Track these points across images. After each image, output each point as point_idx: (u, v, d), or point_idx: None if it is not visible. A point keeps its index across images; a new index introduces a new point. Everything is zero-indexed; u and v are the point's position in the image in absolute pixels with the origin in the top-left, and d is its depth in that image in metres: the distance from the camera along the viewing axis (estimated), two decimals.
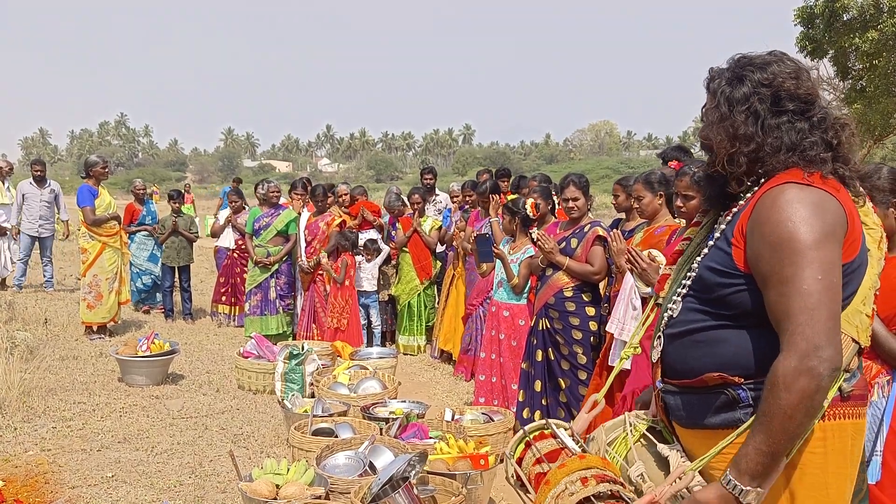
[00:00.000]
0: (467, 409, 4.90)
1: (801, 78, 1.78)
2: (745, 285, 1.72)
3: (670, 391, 1.89)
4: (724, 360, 1.75)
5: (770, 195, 1.70)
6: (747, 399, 1.71)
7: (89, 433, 4.90)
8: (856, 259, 1.71)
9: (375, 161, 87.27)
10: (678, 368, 1.86)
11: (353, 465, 3.83)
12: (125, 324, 8.38)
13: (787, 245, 1.62)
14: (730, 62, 1.85)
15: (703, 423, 1.78)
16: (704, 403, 1.78)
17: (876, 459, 2.61)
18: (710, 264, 1.80)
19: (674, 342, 1.87)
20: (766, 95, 1.75)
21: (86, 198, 7.45)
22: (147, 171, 61.54)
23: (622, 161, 65.17)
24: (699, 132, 1.93)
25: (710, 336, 1.78)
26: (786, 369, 1.57)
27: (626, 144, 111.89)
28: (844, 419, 1.72)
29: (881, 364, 2.70)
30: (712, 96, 1.84)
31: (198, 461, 4.50)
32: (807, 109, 1.77)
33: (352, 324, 7.34)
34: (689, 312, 1.84)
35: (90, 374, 6.32)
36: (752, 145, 1.75)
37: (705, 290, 1.80)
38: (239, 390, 6.06)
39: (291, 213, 7.96)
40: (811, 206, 1.64)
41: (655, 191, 4.07)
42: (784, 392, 1.57)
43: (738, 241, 1.75)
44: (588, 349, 4.62)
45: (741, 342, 1.74)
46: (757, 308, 1.70)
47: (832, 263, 1.62)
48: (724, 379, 1.73)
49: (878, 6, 14.10)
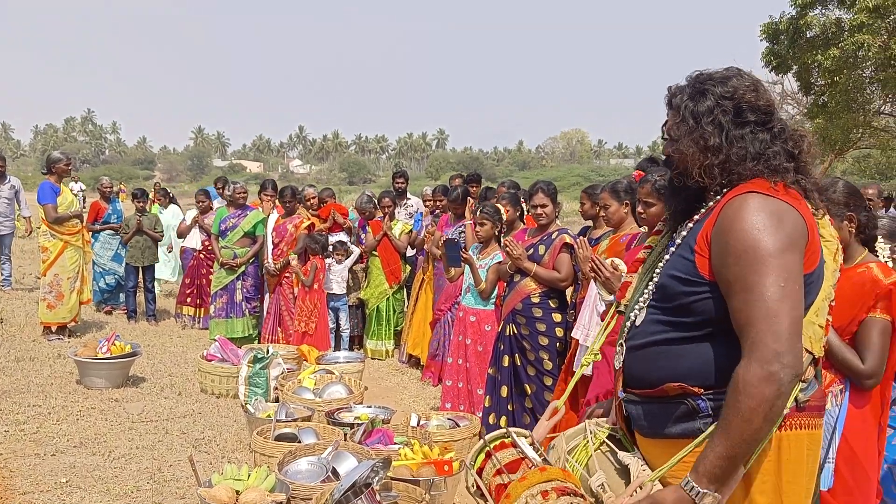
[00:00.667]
0: (433, 415, 4.89)
1: (759, 90, 1.82)
2: (709, 293, 1.74)
3: (632, 401, 1.90)
4: (685, 370, 1.76)
5: (734, 204, 1.72)
6: (707, 409, 1.72)
7: (44, 437, 4.79)
8: (815, 271, 1.74)
9: (348, 163, 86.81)
10: (639, 378, 1.87)
11: (316, 471, 3.80)
12: (85, 325, 8.21)
13: (750, 253, 1.65)
14: (689, 79, 1.88)
15: (664, 432, 1.80)
16: (665, 413, 1.80)
17: (828, 466, 2.66)
18: (673, 272, 1.81)
19: (635, 352, 1.89)
20: (729, 108, 1.79)
21: (48, 195, 7.30)
22: (114, 169, 60.50)
23: (593, 169, 65.70)
24: (664, 149, 1.95)
25: (670, 347, 1.80)
26: (747, 374, 1.60)
27: (597, 153, 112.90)
28: (801, 430, 1.74)
29: (834, 373, 2.75)
30: (676, 112, 1.86)
31: (157, 466, 4.42)
32: (767, 121, 1.81)
33: (320, 327, 7.28)
34: (650, 323, 1.86)
35: (47, 376, 6.18)
36: (721, 156, 1.78)
37: (667, 299, 1.82)
38: (202, 394, 5.97)
39: (259, 214, 7.87)
40: (774, 216, 1.67)
41: (622, 199, 4.11)
42: (745, 397, 1.59)
43: (702, 250, 1.76)
44: (554, 355, 4.64)
45: (701, 353, 1.75)
46: (719, 316, 1.72)
47: (794, 272, 1.65)
48: (683, 389, 1.75)
49: (840, 25, 14.42)
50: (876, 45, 13.32)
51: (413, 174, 73.91)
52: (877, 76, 14.57)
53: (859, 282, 2.74)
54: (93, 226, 9.04)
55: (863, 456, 2.71)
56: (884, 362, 2.72)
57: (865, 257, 2.85)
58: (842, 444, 2.70)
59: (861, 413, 2.74)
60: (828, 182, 2.86)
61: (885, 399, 2.81)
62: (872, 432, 2.77)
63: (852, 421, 2.73)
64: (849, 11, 14.17)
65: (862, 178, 33.05)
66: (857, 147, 19.84)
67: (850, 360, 2.71)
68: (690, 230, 1.85)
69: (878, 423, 2.80)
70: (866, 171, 34.78)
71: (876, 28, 13.35)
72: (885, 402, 2.81)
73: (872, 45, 13.28)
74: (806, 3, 14.76)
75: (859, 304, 2.72)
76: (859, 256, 2.84)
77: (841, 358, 2.72)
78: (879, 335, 2.70)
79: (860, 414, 2.74)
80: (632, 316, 1.94)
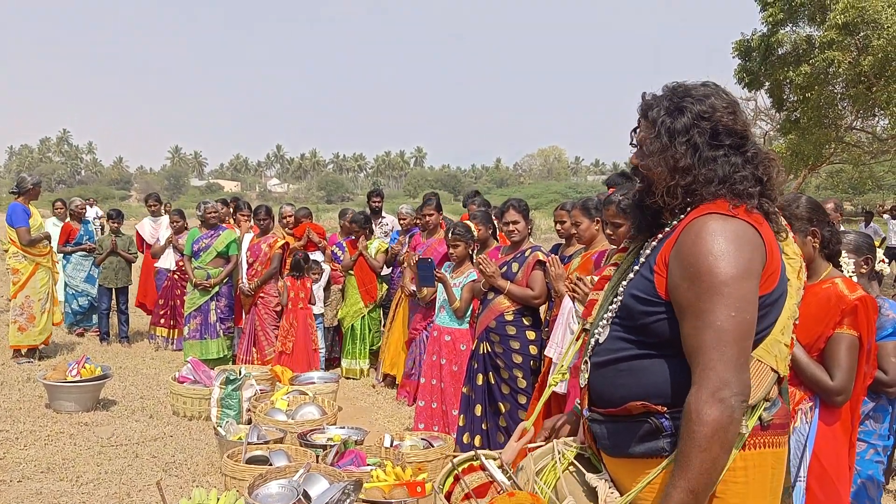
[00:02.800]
0: (407, 435, 4.84)
1: (737, 112, 1.80)
2: (666, 314, 1.73)
3: (597, 419, 1.88)
4: (647, 388, 1.75)
5: (694, 226, 1.71)
6: (670, 428, 1.71)
7: (10, 463, 4.68)
8: (775, 290, 1.73)
9: (326, 182, 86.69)
10: (603, 397, 1.86)
11: (287, 493, 3.73)
12: (56, 347, 8.08)
13: (705, 279, 1.64)
14: (666, 90, 1.84)
15: (628, 451, 1.78)
16: (629, 432, 1.78)
17: (800, 485, 2.65)
18: (634, 292, 1.80)
19: (599, 370, 1.87)
20: (706, 129, 1.76)
21: (21, 218, 7.20)
22: (90, 190, 59.79)
23: (570, 186, 66.03)
24: (632, 159, 1.92)
25: (633, 365, 1.79)
26: (698, 402, 1.60)
27: (575, 170, 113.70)
28: (765, 448, 1.74)
29: (804, 391, 2.74)
30: (651, 125, 1.82)
31: (125, 491, 4.33)
32: (741, 144, 1.79)
33: (297, 348, 7.20)
34: (613, 340, 1.84)
35: (15, 401, 6.06)
36: (688, 178, 1.76)
37: (629, 318, 1.81)
38: (173, 416, 5.87)
39: (231, 234, 7.79)
40: (732, 240, 1.66)
41: (592, 217, 4.12)
42: (697, 425, 1.58)
43: (660, 270, 1.76)
44: (528, 373, 4.61)
45: (663, 371, 1.74)
46: (677, 336, 1.71)
47: (747, 301, 1.64)
48: (646, 407, 1.74)
49: (810, 42, 14.65)
50: (846, 61, 13.54)
51: (391, 192, 74.07)
52: (847, 92, 14.79)
53: (825, 297, 2.74)
54: (64, 247, 8.91)
55: (833, 473, 2.70)
56: (852, 378, 2.71)
57: (830, 272, 2.85)
58: (812, 462, 2.68)
59: (831, 430, 2.73)
60: (791, 197, 2.87)
61: (855, 415, 2.81)
62: (843, 449, 2.76)
63: (823, 439, 2.71)
64: (819, 29, 14.41)
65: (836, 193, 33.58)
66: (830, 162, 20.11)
67: (819, 376, 2.70)
68: (654, 248, 1.83)
69: (849, 440, 2.78)
70: (839, 186, 35.32)
71: (846, 45, 13.56)
72: (854, 419, 2.80)
73: (842, 62, 13.49)
74: (777, 20, 14.98)
75: (825, 321, 2.72)
76: (824, 272, 2.85)
77: (810, 375, 2.71)
78: (847, 351, 2.70)
79: (830, 431, 2.73)
80: (596, 333, 1.92)
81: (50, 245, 7.53)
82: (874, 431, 3.04)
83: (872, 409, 3.03)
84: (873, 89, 13.79)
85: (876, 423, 3.06)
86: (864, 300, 2.71)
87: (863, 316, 2.69)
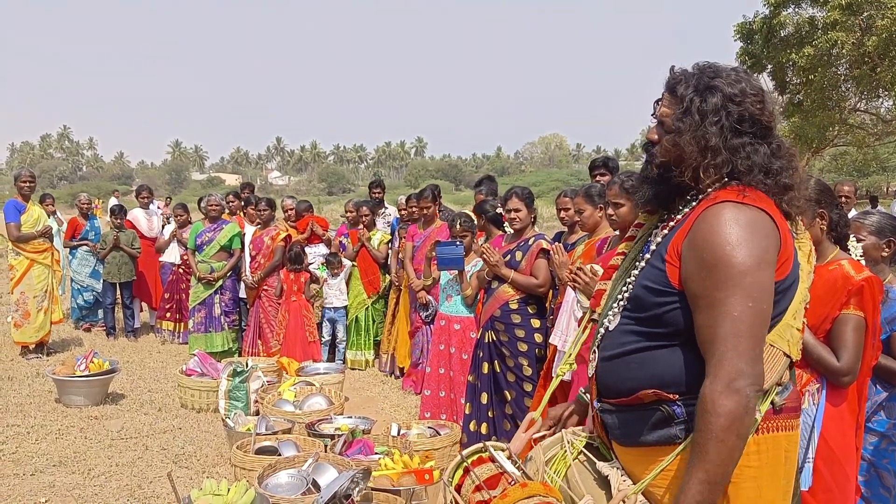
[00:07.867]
0: (414, 424, 4.86)
1: (765, 102, 1.76)
2: (679, 303, 1.72)
3: (607, 410, 1.88)
4: (659, 377, 1.74)
5: (708, 215, 1.68)
6: (682, 415, 1.71)
7: (23, 457, 4.72)
8: (788, 276, 1.72)
9: (327, 174, 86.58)
10: (613, 387, 1.85)
11: (296, 483, 3.76)
12: (64, 342, 8.12)
13: (721, 269, 1.62)
14: (696, 68, 1.80)
15: (640, 440, 1.78)
16: (640, 420, 1.77)
17: (808, 466, 2.66)
18: (645, 283, 1.79)
19: (608, 361, 1.86)
20: (734, 112, 1.72)
21: (10, 214, 7.20)
22: (91, 185, 59.70)
23: (572, 173, 65.83)
24: (649, 133, 1.86)
25: (643, 355, 1.78)
26: (713, 393, 1.59)
27: (576, 157, 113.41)
28: (778, 432, 1.73)
29: (811, 372, 2.75)
30: (679, 101, 1.77)
31: (137, 483, 4.37)
32: (766, 136, 1.76)
33: (292, 339, 7.22)
34: (623, 332, 1.83)
35: (25, 396, 6.10)
36: (718, 158, 1.72)
37: (640, 309, 1.80)
38: (181, 409, 5.91)
39: (235, 227, 7.81)
40: (747, 228, 1.64)
41: (596, 203, 4.11)
42: (713, 417, 1.58)
43: (672, 259, 1.74)
44: (533, 361, 4.63)
45: (675, 359, 1.73)
46: (691, 325, 1.70)
47: (763, 290, 1.63)
48: (658, 395, 1.73)
49: (813, 23, 14.54)
50: (849, 42, 13.40)
51: (392, 183, 73.85)
52: (851, 73, 14.70)
53: (831, 279, 2.74)
54: (69, 242, 8.97)
55: (841, 454, 2.70)
56: (859, 359, 2.71)
57: (837, 255, 2.85)
58: (820, 444, 2.69)
59: (838, 411, 2.74)
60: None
61: (862, 396, 2.81)
62: (850, 430, 2.77)
63: (830, 420, 2.72)
64: (822, 9, 14.29)
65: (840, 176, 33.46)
66: (834, 145, 20.05)
67: (826, 357, 2.71)
68: (664, 237, 1.81)
69: (856, 421, 2.79)
70: (843, 169, 35.21)
71: (849, 25, 13.44)
72: (861, 399, 2.80)
73: (846, 43, 13.37)
74: (779, 2, 14.87)
75: (832, 302, 2.72)
76: (831, 254, 2.85)
77: (816, 356, 2.71)
78: (853, 332, 2.70)
79: (837, 412, 2.74)
80: (605, 323, 1.91)
81: (50, 242, 7.51)
82: (888, 421, 3.03)
83: (886, 399, 3.01)
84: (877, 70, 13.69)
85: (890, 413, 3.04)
86: (870, 280, 2.71)
87: (868, 296, 2.70)
